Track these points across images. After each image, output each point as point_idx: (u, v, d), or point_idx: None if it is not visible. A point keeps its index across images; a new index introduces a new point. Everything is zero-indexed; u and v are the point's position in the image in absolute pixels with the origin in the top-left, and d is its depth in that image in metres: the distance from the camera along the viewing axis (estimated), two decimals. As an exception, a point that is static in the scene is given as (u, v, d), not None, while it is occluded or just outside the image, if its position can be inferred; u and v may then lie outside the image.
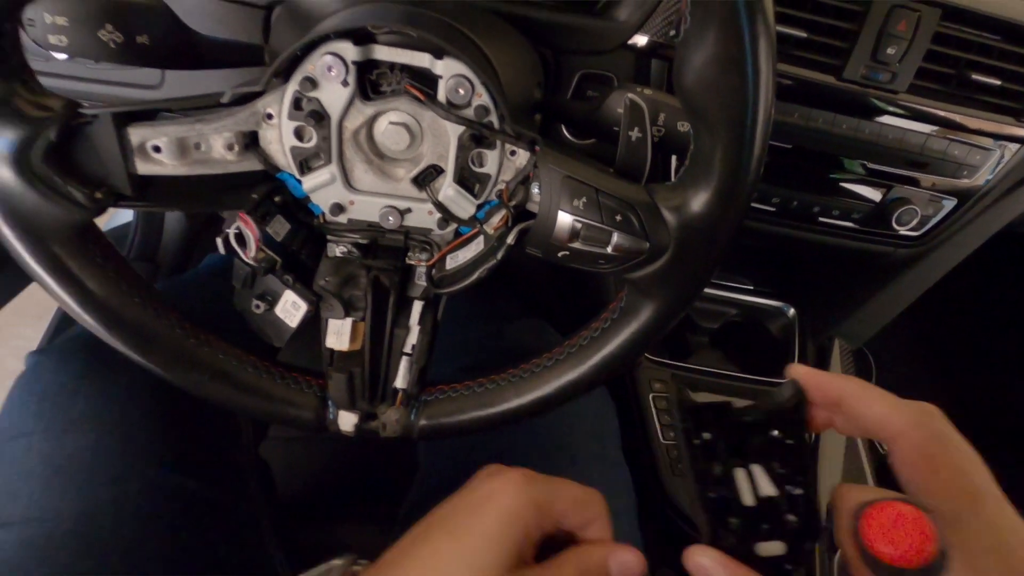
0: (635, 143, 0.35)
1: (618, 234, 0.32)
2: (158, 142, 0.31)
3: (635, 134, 0.34)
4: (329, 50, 0.32)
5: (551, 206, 0.33)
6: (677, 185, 0.32)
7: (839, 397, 0.26)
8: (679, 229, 0.32)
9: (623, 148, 0.35)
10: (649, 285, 0.35)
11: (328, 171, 0.36)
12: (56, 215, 0.29)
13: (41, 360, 0.45)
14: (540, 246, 0.34)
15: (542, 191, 0.33)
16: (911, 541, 0.20)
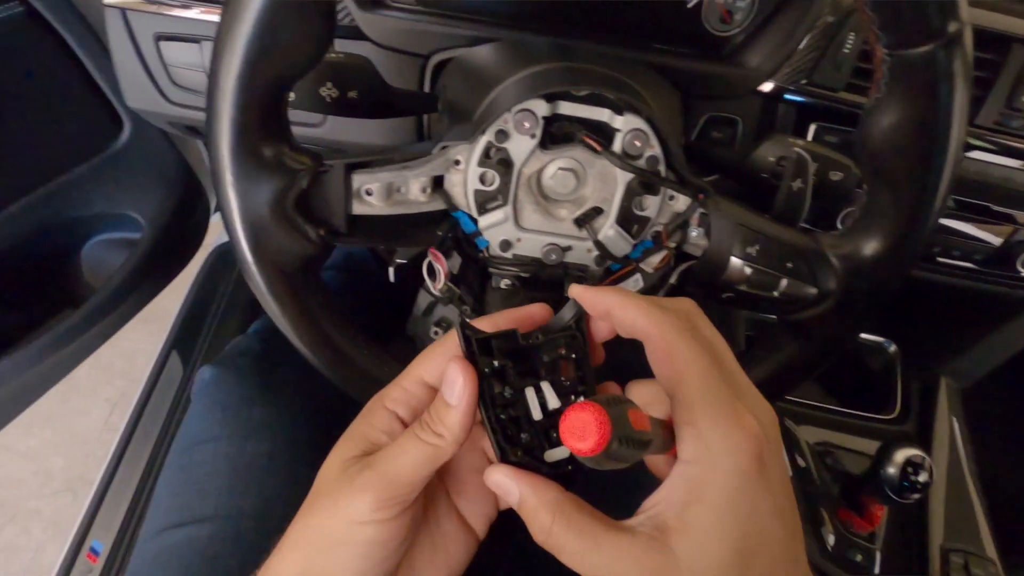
0: (795, 192, 0.37)
1: (787, 280, 0.34)
2: (372, 186, 0.36)
3: (797, 184, 0.37)
4: (524, 107, 0.35)
5: (722, 251, 0.35)
6: (846, 234, 0.34)
7: (607, 309, 0.27)
8: (847, 276, 0.34)
9: (783, 196, 0.37)
10: (805, 326, 0.37)
11: (503, 211, 0.40)
12: (293, 250, 0.34)
13: (219, 373, 0.50)
14: (705, 287, 0.37)
15: (712, 236, 0.36)
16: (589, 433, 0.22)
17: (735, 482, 0.23)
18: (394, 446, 0.27)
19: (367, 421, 0.28)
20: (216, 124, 0.29)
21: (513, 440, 0.28)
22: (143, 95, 0.54)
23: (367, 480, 0.26)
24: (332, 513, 0.26)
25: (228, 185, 0.31)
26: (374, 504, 0.25)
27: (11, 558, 1.10)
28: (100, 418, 1.26)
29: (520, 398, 0.28)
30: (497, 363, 0.28)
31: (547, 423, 0.28)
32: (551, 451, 0.28)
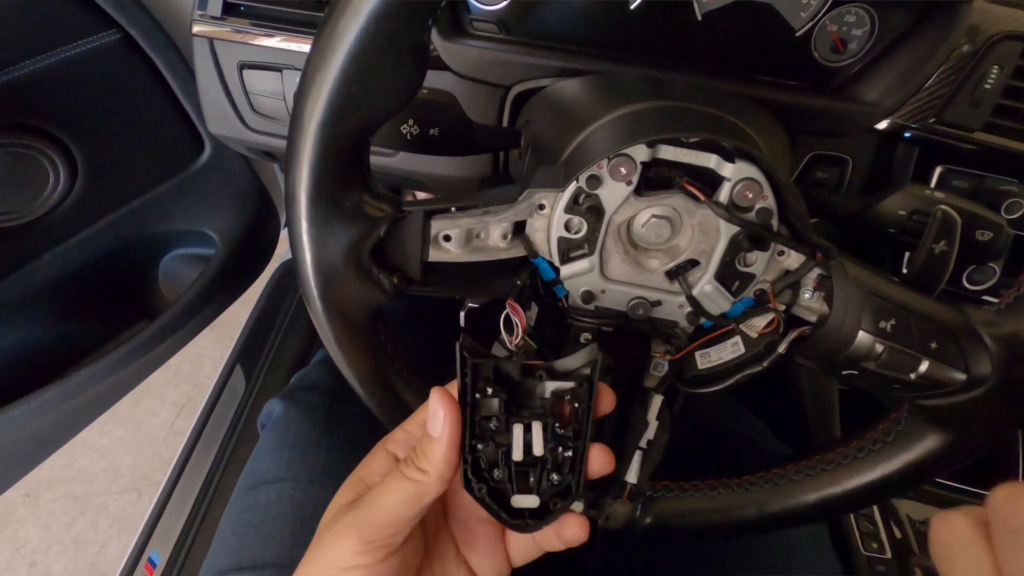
0: (937, 256, 0.31)
1: (929, 362, 0.29)
2: (451, 232, 0.33)
3: (940, 247, 0.31)
4: (622, 152, 0.32)
5: (847, 323, 0.30)
6: (1006, 310, 0.29)
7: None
8: (1007, 362, 0.28)
9: (922, 260, 0.32)
10: (948, 415, 0.31)
11: (588, 261, 0.36)
12: (364, 299, 0.32)
13: (288, 409, 0.49)
14: (821, 361, 0.32)
15: (835, 304, 0.31)
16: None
17: None
18: (379, 487, 0.26)
19: (367, 465, 0.28)
20: (295, 170, 0.27)
21: (482, 475, 0.26)
22: (224, 121, 0.54)
23: (350, 522, 0.25)
24: (317, 560, 0.25)
25: (303, 232, 0.29)
26: (356, 547, 0.24)
27: (80, 551, 1.15)
28: (167, 420, 1.31)
29: (506, 433, 0.26)
30: (490, 390, 0.26)
31: (525, 466, 0.26)
32: (518, 497, 0.27)
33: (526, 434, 0.26)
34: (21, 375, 0.69)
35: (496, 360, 0.27)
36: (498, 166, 0.52)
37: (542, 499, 0.27)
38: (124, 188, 0.68)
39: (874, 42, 0.46)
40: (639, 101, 0.35)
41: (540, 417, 0.27)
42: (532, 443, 0.26)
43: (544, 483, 0.27)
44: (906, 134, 0.46)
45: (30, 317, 0.69)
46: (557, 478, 0.27)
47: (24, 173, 0.59)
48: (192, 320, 0.79)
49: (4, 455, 0.69)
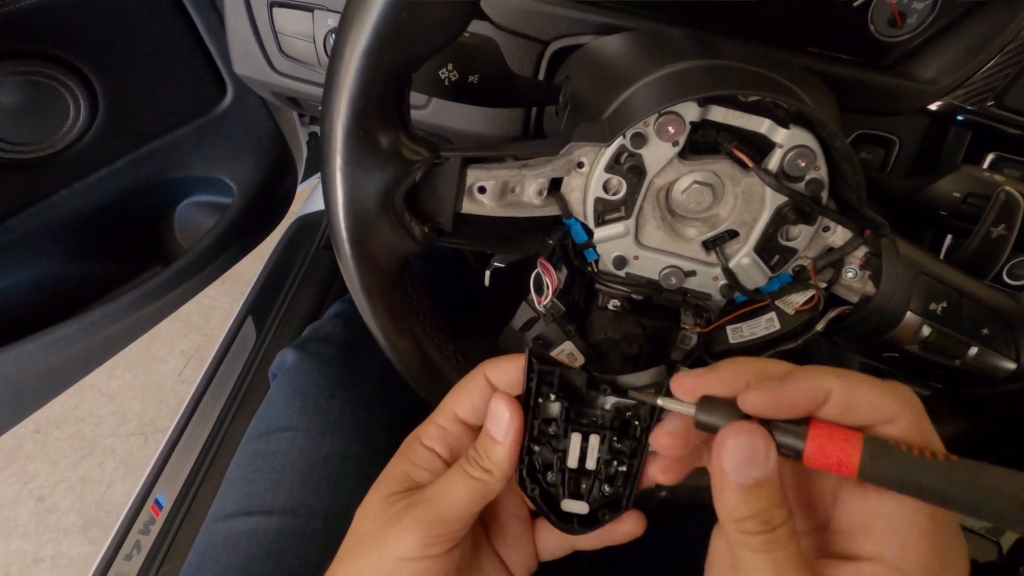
0: (995, 240, 0.30)
1: (978, 348, 0.28)
2: (486, 184, 0.32)
3: (998, 230, 0.30)
4: (672, 109, 0.30)
5: (894, 302, 0.29)
6: (1063, 301, 0.27)
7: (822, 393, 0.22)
8: (1060, 354, 0.27)
9: (977, 243, 0.30)
10: (986, 404, 0.30)
11: (624, 224, 0.35)
12: (394, 247, 0.31)
13: (301, 359, 0.49)
14: (861, 341, 0.31)
15: (883, 283, 0.30)
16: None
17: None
18: (442, 482, 0.26)
19: (407, 459, 0.28)
20: (333, 103, 0.26)
21: (536, 476, 0.27)
22: (250, 62, 0.52)
23: (416, 516, 0.25)
24: (380, 552, 0.25)
25: (336, 170, 0.28)
26: (424, 541, 0.25)
27: (87, 489, 1.17)
28: (175, 369, 1.32)
29: (564, 439, 0.27)
30: (553, 397, 0.27)
31: (578, 473, 0.27)
32: (569, 501, 0.27)
33: (583, 443, 0.27)
34: (37, 310, 0.69)
35: (563, 369, 0.27)
36: (528, 125, 0.51)
37: (591, 507, 0.27)
38: (144, 128, 0.66)
39: (935, 17, 0.44)
40: (690, 59, 0.34)
41: (599, 429, 0.27)
42: (588, 453, 0.27)
43: (595, 492, 0.27)
44: (959, 117, 0.44)
45: (47, 253, 0.69)
46: (608, 490, 0.27)
47: (45, 104, 0.57)
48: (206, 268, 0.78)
49: (18, 388, 0.69)
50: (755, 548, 0.21)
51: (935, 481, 0.20)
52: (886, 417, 0.21)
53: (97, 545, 1.11)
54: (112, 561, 0.71)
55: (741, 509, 0.21)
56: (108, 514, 1.15)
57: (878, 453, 0.20)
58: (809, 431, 0.21)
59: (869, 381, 0.22)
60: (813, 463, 0.21)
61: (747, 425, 0.22)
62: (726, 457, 0.22)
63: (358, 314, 0.61)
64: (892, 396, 0.21)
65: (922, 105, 0.44)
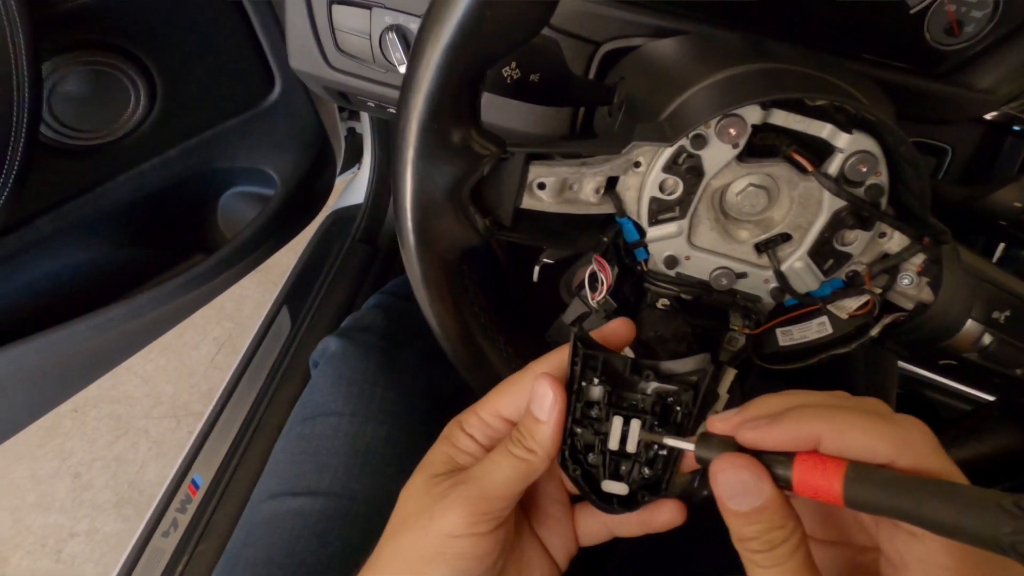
0: (1058, 251, 0.30)
1: (1042, 358, 0.28)
2: (546, 180, 0.33)
3: (1062, 241, 0.30)
4: (735, 112, 0.31)
5: (954, 310, 0.29)
6: None
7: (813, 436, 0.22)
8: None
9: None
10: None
11: (677, 225, 0.35)
12: (457, 238, 0.32)
13: (345, 347, 0.50)
14: (917, 348, 0.31)
15: (943, 290, 0.30)
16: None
17: None
18: (486, 462, 0.27)
19: (449, 443, 0.29)
20: (411, 97, 0.27)
21: (578, 457, 0.28)
22: (307, 57, 0.54)
23: (462, 494, 0.26)
24: (426, 529, 0.26)
25: (408, 163, 0.29)
26: (470, 518, 0.25)
27: (120, 468, 1.21)
28: (208, 355, 1.35)
29: (606, 422, 0.27)
30: (596, 381, 0.27)
31: (619, 456, 0.28)
32: (609, 482, 0.28)
33: (624, 426, 0.27)
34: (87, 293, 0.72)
35: (607, 354, 0.28)
36: (575, 126, 0.51)
37: (631, 488, 0.28)
38: (197, 118, 0.69)
39: (995, 26, 0.43)
40: (749, 62, 0.34)
41: (640, 413, 0.28)
42: (628, 437, 0.27)
43: (635, 474, 0.28)
44: (1015, 127, 0.44)
45: (99, 237, 0.71)
46: (648, 472, 0.28)
47: (108, 93, 0.60)
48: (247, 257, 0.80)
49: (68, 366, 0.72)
50: (759, 564, 0.23)
51: (917, 500, 0.20)
52: (882, 460, 0.21)
53: (130, 522, 1.14)
54: (150, 537, 0.74)
55: (743, 531, 0.23)
56: (141, 493, 1.18)
57: (860, 479, 0.21)
58: (794, 462, 0.22)
59: (862, 425, 0.22)
60: (801, 492, 0.22)
61: (735, 459, 0.23)
62: (719, 488, 0.23)
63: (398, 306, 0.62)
64: (885, 439, 0.21)
65: (978, 114, 0.43)
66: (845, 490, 0.21)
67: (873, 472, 0.21)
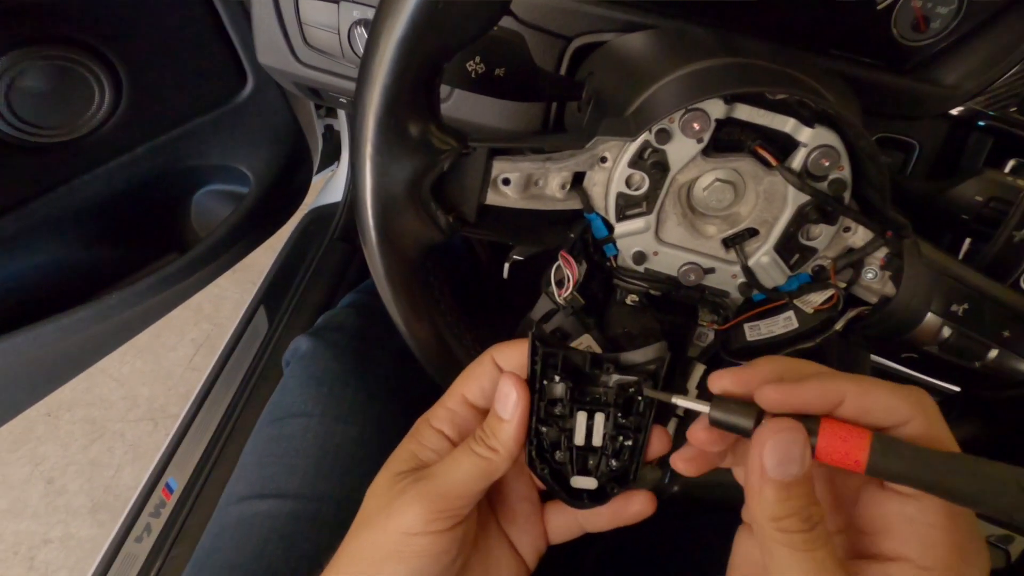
0: (1017, 244, 0.30)
1: (999, 351, 0.28)
2: (510, 176, 0.32)
3: (1021, 234, 0.30)
4: (698, 106, 0.31)
5: (915, 303, 0.29)
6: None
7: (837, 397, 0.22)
8: (1081, 359, 0.27)
9: (999, 247, 0.31)
10: (1002, 408, 0.30)
11: (644, 220, 0.35)
12: (419, 235, 0.31)
13: (316, 347, 0.49)
14: (880, 342, 0.31)
15: (904, 284, 0.30)
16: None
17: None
18: (448, 460, 0.27)
19: (415, 440, 0.29)
20: (366, 91, 0.26)
21: (545, 456, 0.28)
22: (274, 52, 0.53)
23: (420, 491, 0.26)
24: (384, 527, 0.26)
25: (366, 158, 0.28)
26: (427, 515, 0.25)
27: (96, 473, 1.19)
28: (185, 356, 1.33)
29: (570, 418, 0.28)
30: (558, 378, 0.27)
31: (585, 451, 0.28)
32: (578, 478, 0.28)
33: (589, 421, 0.27)
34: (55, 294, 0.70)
35: (566, 351, 0.27)
36: (547, 121, 0.51)
37: (600, 482, 0.28)
38: (165, 116, 0.67)
39: (960, 22, 0.44)
40: (715, 57, 0.34)
41: (603, 407, 0.28)
42: (594, 430, 0.27)
43: (603, 467, 0.28)
44: (980, 122, 0.44)
45: (66, 237, 0.69)
46: (615, 464, 0.28)
47: (71, 89, 0.58)
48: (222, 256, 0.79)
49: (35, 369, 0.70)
50: (795, 546, 0.21)
51: (941, 474, 0.20)
52: (899, 420, 0.22)
53: (105, 528, 1.12)
54: (123, 542, 0.72)
55: (780, 508, 0.22)
56: (117, 498, 1.16)
57: (886, 449, 0.21)
58: (821, 427, 0.22)
59: (883, 385, 0.22)
60: (824, 458, 0.22)
61: (787, 422, 0.22)
62: (768, 454, 0.22)
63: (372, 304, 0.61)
64: (905, 399, 0.22)
65: (944, 110, 0.44)
66: (871, 459, 0.21)
67: (896, 444, 0.21)
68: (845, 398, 0.22)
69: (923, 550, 0.21)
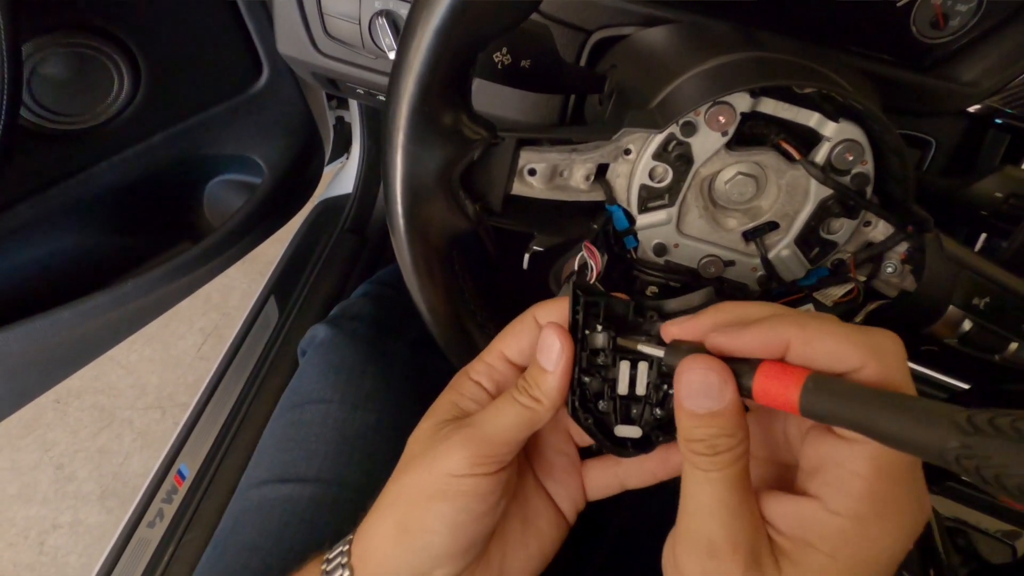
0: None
1: (1019, 344, 0.28)
2: (537, 166, 0.33)
3: (1042, 230, 0.30)
4: (724, 99, 0.31)
5: (937, 297, 0.30)
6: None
7: (782, 341, 0.22)
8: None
9: (1019, 242, 0.31)
10: (1016, 402, 0.31)
11: (667, 212, 0.36)
12: (448, 224, 0.31)
13: (334, 335, 0.50)
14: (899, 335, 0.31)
15: (926, 277, 0.30)
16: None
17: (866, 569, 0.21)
18: (491, 408, 0.27)
19: (455, 391, 0.29)
20: (401, 80, 0.27)
21: (588, 405, 0.28)
22: (295, 42, 0.53)
23: (465, 436, 0.26)
24: (429, 468, 0.26)
25: (398, 146, 0.29)
26: (472, 459, 0.25)
27: (105, 460, 1.20)
28: (194, 345, 1.34)
29: (613, 368, 0.27)
30: (600, 328, 0.27)
31: (629, 400, 0.28)
32: (621, 427, 0.28)
33: (632, 370, 0.27)
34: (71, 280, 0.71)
35: (608, 299, 0.27)
36: (566, 115, 0.51)
37: (644, 431, 0.28)
38: (182, 104, 0.68)
39: (979, 19, 0.44)
40: (740, 51, 0.34)
41: (647, 356, 0.27)
42: (637, 380, 0.27)
43: (647, 415, 0.28)
44: (998, 120, 0.45)
45: (82, 225, 0.70)
46: (660, 412, 0.27)
47: (91, 77, 0.59)
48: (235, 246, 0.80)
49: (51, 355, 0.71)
50: (697, 465, 0.23)
51: (870, 412, 0.19)
52: (849, 367, 0.21)
53: (114, 514, 1.13)
54: (136, 527, 0.73)
55: (692, 432, 0.23)
56: (125, 485, 1.17)
57: (820, 389, 0.20)
58: (757, 369, 0.22)
59: (831, 330, 0.22)
60: (761, 399, 0.22)
61: (704, 359, 0.23)
62: (681, 386, 0.23)
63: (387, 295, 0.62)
64: (854, 345, 0.21)
65: (961, 107, 0.44)
66: (802, 399, 0.21)
67: (831, 382, 0.20)
68: (789, 343, 0.22)
69: (837, 495, 0.21)
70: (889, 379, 0.21)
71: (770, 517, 0.23)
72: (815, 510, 0.22)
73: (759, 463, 0.27)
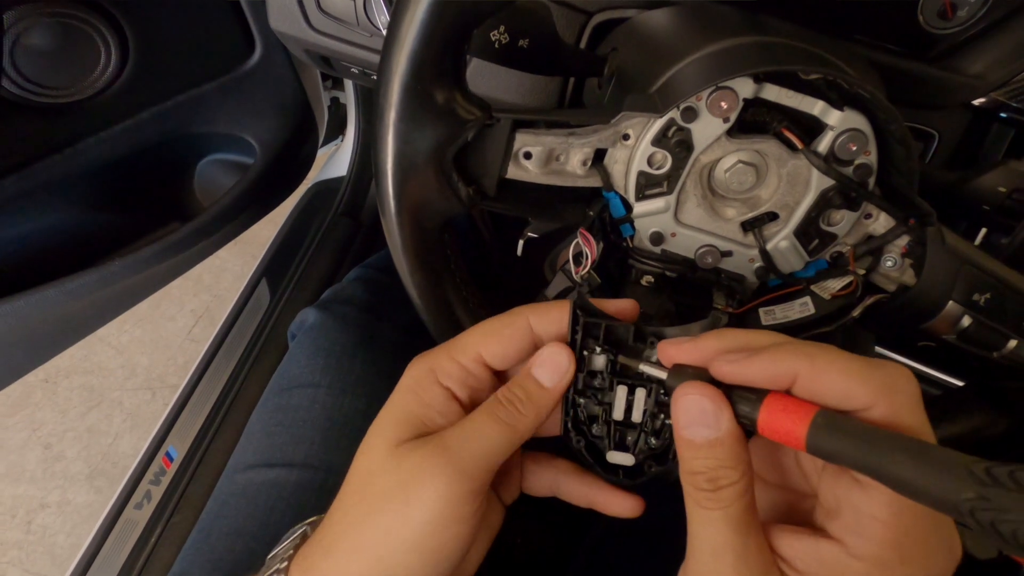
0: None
1: (1018, 341, 0.28)
2: (533, 149, 0.32)
3: (1045, 226, 0.30)
4: (727, 84, 0.30)
5: (936, 292, 0.29)
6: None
7: (790, 373, 0.21)
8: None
9: (1022, 237, 0.30)
10: (1013, 399, 0.30)
11: (664, 200, 0.35)
12: (439, 207, 0.31)
13: (324, 319, 0.49)
14: (898, 329, 0.31)
15: (926, 271, 0.30)
16: None
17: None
18: (467, 428, 0.24)
19: (416, 398, 0.25)
20: (393, 55, 0.26)
21: (581, 428, 0.27)
22: (288, 18, 0.52)
23: (441, 468, 0.23)
24: (403, 515, 0.23)
25: (389, 124, 0.28)
26: (453, 498, 0.22)
27: (94, 440, 1.19)
28: (184, 327, 1.32)
29: (610, 392, 0.26)
30: (598, 349, 0.26)
31: (623, 427, 0.27)
32: (614, 453, 0.27)
33: (629, 396, 0.26)
34: (57, 258, 0.69)
35: (609, 321, 0.26)
36: (564, 98, 0.50)
37: (637, 459, 0.27)
38: (172, 80, 0.66)
39: (987, 11, 0.43)
40: (744, 35, 0.33)
41: (645, 382, 0.26)
42: (633, 406, 0.26)
43: (641, 444, 0.27)
44: (1003, 114, 0.44)
45: (69, 201, 0.68)
46: (655, 442, 0.27)
47: (77, 49, 0.57)
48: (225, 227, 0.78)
49: (36, 334, 0.70)
50: (699, 503, 0.22)
51: (881, 456, 0.19)
52: (858, 406, 0.20)
53: (103, 494, 1.13)
54: (123, 508, 0.73)
55: (692, 464, 0.22)
56: (114, 465, 1.16)
57: (830, 427, 0.20)
58: (764, 401, 0.21)
59: (841, 366, 0.20)
60: (765, 433, 0.21)
61: (699, 386, 0.22)
62: (677, 413, 0.22)
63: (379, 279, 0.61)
64: (865, 383, 0.20)
65: (967, 100, 0.43)
66: (809, 437, 0.20)
67: (841, 421, 0.20)
68: (797, 377, 0.21)
69: (859, 540, 0.20)
70: (899, 421, 0.20)
71: (786, 554, 0.22)
72: (836, 553, 0.21)
73: (769, 489, 0.26)
